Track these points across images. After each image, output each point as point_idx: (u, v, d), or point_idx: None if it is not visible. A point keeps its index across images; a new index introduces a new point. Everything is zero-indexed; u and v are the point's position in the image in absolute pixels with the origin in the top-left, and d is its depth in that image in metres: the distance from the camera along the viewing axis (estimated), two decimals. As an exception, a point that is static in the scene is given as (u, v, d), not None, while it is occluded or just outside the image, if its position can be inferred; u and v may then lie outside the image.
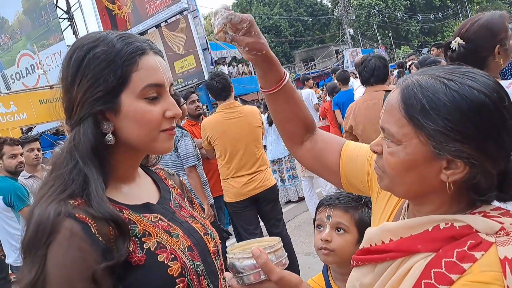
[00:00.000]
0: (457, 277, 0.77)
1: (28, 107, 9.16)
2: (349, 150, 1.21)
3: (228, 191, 3.89)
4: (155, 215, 1.04)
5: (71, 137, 0.97)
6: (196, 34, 17.79)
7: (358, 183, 1.18)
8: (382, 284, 0.89)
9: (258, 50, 1.09)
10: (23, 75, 17.85)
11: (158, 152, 1.05)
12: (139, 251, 0.94)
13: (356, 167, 1.18)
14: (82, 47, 0.97)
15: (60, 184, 0.92)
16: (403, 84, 0.88)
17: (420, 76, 0.86)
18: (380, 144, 0.91)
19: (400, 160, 0.86)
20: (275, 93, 1.18)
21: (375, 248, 0.92)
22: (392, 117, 0.87)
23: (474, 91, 0.80)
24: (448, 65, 0.91)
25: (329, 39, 43.58)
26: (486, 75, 0.84)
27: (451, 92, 0.80)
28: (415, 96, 0.83)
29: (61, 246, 0.85)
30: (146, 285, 0.92)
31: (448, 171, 0.83)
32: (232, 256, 0.92)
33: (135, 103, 0.96)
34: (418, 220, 0.88)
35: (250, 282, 0.90)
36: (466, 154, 0.80)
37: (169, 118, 1.01)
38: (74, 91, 0.96)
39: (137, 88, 0.96)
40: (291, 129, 1.26)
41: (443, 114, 0.80)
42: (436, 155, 0.82)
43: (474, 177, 0.82)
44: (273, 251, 0.93)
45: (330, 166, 1.22)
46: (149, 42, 1.03)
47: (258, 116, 3.99)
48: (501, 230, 0.79)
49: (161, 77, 0.99)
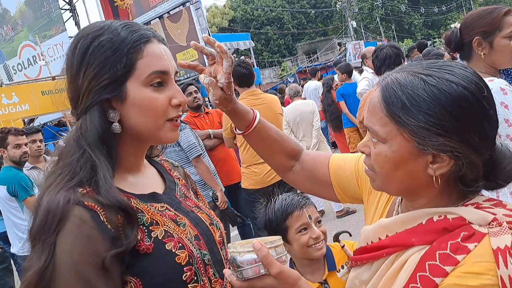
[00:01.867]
0: (451, 268, 0.78)
1: (30, 98, 9.18)
2: (335, 160, 1.25)
3: (250, 178, 3.89)
4: (162, 205, 1.04)
5: (77, 126, 0.97)
6: (198, 25, 17.70)
7: (350, 188, 1.20)
8: (378, 279, 0.90)
9: (224, 106, 1.15)
10: (25, 66, 17.80)
11: (164, 141, 1.05)
12: (147, 239, 0.94)
13: (345, 173, 1.21)
14: (86, 36, 0.97)
15: (68, 173, 0.93)
16: (383, 82, 0.88)
17: (398, 73, 0.87)
18: (367, 145, 0.93)
19: (387, 158, 0.87)
20: (248, 135, 1.23)
21: (372, 246, 0.94)
22: (374, 116, 0.88)
23: (452, 85, 0.81)
24: (425, 60, 0.91)
25: (332, 32, 43.37)
26: (463, 67, 0.85)
27: (430, 88, 0.81)
28: (395, 94, 0.84)
29: (70, 233, 0.85)
30: (154, 273, 0.92)
31: (434, 165, 0.84)
32: (233, 250, 0.93)
33: (141, 91, 0.97)
34: (412, 214, 0.90)
35: (250, 277, 0.91)
36: (450, 148, 0.81)
37: (175, 106, 1.01)
38: (80, 80, 0.96)
39: (143, 76, 0.96)
40: (276, 161, 1.31)
41: (423, 110, 0.81)
42: (421, 150, 0.83)
43: (460, 169, 0.83)
44: (273, 247, 0.94)
45: (322, 180, 1.25)
46: (152, 30, 1.03)
47: (279, 104, 4.04)
48: (494, 221, 0.80)
49: (166, 64, 0.99)
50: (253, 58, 24.19)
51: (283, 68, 35.55)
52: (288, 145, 1.28)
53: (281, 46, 42.69)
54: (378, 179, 0.93)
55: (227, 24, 39.81)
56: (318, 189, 1.30)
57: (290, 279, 0.92)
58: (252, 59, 23.98)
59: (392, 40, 38.49)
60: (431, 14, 43.60)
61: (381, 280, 0.89)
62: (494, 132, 0.85)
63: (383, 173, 0.90)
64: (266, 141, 1.25)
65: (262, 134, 1.23)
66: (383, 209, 1.08)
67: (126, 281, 0.91)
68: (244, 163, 3.92)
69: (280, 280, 0.91)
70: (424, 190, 0.89)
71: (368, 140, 0.93)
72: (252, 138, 1.24)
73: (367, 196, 1.16)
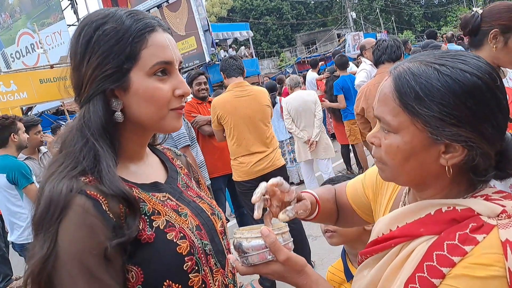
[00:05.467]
0: (459, 259, 0.78)
1: (28, 86, 9.12)
2: (350, 184, 1.27)
3: (238, 170, 3.90)
4: (163, 194, 1.04)
5: (80, 114, 0.96)
6: (197, 15, 17.60)
7: (364, 205, 1.21)
8: (383, 267, 0.90)
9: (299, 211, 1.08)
10: (23, 54, 17.69)
11: (167, 130, 1.05)
12: (148, 229, 0.94)
13: (357, 192, 1.22)
14: (91, 24, 0.96)
15: (71, 161, 0.92)
16: (395, 72, 0.88)
17: (411, 63, 0.87)
18: (377, 136, 0.92)
19: (399, 149, 0.86)
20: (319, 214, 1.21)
21: (382, 238, 0.94)
22: (386, 107, 0.87)
23: (466, 74, 0.80)
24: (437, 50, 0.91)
25: (331, 23, 43.10)
26: (476, 57, 0.84)
27: (443, 77, 0.81)
28: (408, 84, 0.83)
29: (72, 222, 0.85)
30: (155, 263, 0.92)
31: (446, 155, 0.84)
32: (240, 236, 0.92)
33: (144, 81, 0.96)
34: (421, 204, 0.90)
35: (256, 263, 0.91)
36: (463, 137, 0.81)
37: (178, 97, 1.00)
38: (84, 68, 0.95)
39: (147, 66, 0.95)
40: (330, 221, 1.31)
41: (437, 100, 0.80)
42: (433, 140, 0.83)
43: (473, 159, 0.83)
44: (280, 233, 0.93)
45: (347, 209, 1.26)
46: (157, 19, 1.01)
47: (267, 95, 4.01)
48: (503, 213, 0.80)
49: (170, 54, 0.98)
50: (252, 48, 24.07)
51: (282, 59, 35.40)
52: (331, 205, 1.29)
53: (280, 37, 42.48)
54: (387, 170, 0.92)
55: (226, 14, 39.53)
56: (351, 219, 1.29)
57: (297, 265, 0.92)
58: (251, 49, 23.87)
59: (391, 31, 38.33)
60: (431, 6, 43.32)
61: (387, 268, 0.89)
62: (506, 122, 0.85)
63: (394, 164, 0.89)
64: (324, 214, 1.24)
65: (323, 212, 1.22)
66: (388, 201, 1.09)
67: (127, 270, 0.91)
68: (232, 155, 3.94)
69: (287, 267, 0.91)
70: (434, 181, 0.89)
71: (378, 131, 0.92)
72: (321, 213, 1.22)
73: (374, 201, 1.16)
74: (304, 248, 4.02)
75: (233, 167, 3.97)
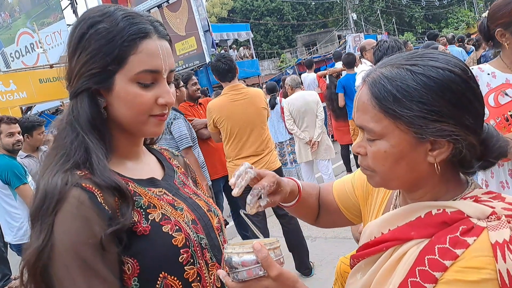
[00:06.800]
0: (450, 263, 0.78)
1: (28, 86, 9.13)
2: (337, 184, 1.28)
3: (233, 172, 3.85)
4: (159, 189, 1.05)
5: (69, 108, 0.99)
6: (197, 15, 17.59)
7: (352, 204, 1.22)
8: (375, 270, 0.91)
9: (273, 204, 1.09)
10: (22, 54, 17.70)
11: (147, 135, 1.07)
12: (144, 221, 0.95)
13: (345, 192, 1.23)
14: (87, 20, 0.97)
15: (62, 155, 0.94)
16: (369, 79, 0.89)
17: (382, 68, 0.88)
18: (362, 146, 0.92)
19: (387, 154, 0.87)
20: (299, 202, 1.21)
21: (374, 241, 0.94)
22: (367, 115, 0.88)
23: (439, 70, 0.83)
24: (403, 52, 0.93)
25: (332, 24, 43.17)
26: (443, 53, 0.87)
27: (417, 76, 0.83)
28: (385, 88, 0.85)
29: (68, 214, 0.86)
30: (151, 255, 0.94)
31: (434, 152, 0.85)
32: (231, 251, 0.90)
33: (127, 86, 0.96)
34: (411, 207, 0.90)
35: (247, 278, 0.88)
36: (447, 132, 0.82)
37: (161, 105, 1.00)
38: (74, 62, 0.97)
39: (133, 71, 0.96)
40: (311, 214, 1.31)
41: (416, 99, 0.82)
42: (419, 140, 0.84)
43: (460, 151, 0.84)
44: (272, 248, 0.92)
45: (332, 208, 1.26)
46: (156, 24, 1.01)
47: (263, 98, 3.99)
48: (492, 214, 0.81)
49: (159, 63, 0.98)
50: (252, 49, 24.07)
51: (282, 60, 35.44)
52: (315, 199, 1.29)
53: (281, 38, 42.50)
54: (377, 177, 0.92)
55: (226, 14, 39.58)
56: (333, 219, 1.30)
57: (289, 281, 0.90)
58: (251, 50, 23.87)
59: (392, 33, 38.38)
60: (432, 7, 43.36)
61: (378, 271, 0.90)
62: (483, 110, 0.87)
63: (384, 170, 0.89)
64: (307, 199, 1.25)
65: (304, 196, 1.23)
66: (380, 205, 1.09)
67: (123, 262, 0.92)
68: (228, 157, 3.94)
69: (279, 282, 0.89)
70: (424, 181, 0.90)
71: (362, 140, 0.93)
72: (301, 203, 1.22)
73: (364, 203, 1.16)
74: (302, 249, 4.02)
75: (228, 169, 3.97)
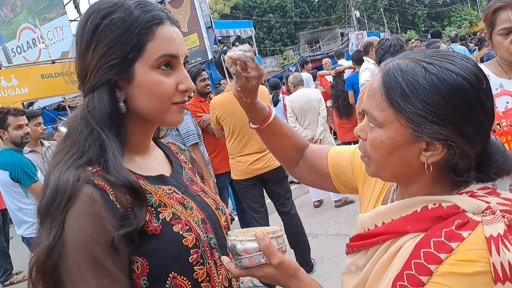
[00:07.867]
0: (445, 256, 0.79)
1: (29, 82, 9.11)
2: (333, 152, 1.28)
3: (235, 168, 3.91)
4: (169, 187, 1.04)
5: (84, 103, 0.95)
6: (200, 12, 17.58)
7: (346, 179, 1.23)
8: (372, 265, 0.92)
9: (245, 96, 1.13)
10: (24, 49, 17.68)
11: (168, 124, 1.04)
12: (155, 221, 0.94)
13: (342, 164, 1.23)
14: (98, 12, 0.95)
15: (76, 151, 0.92)
16: (385, 68, 0.89)
17: (401, 60, 0.88)
18: (364, 130, 0.94)
19: (382, 143, 0.88)
20: (262, 129, 1.25)
21: (368, 233, 0.95)
22: (374, 101, 0.89)
23: (452, 74, 0.81)
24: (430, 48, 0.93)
25: (335, 21, 43.12)
26: (465, 58, 0.86)
27: (430, 76, 0.82)
28: (395, 80, 0.85)
29: (80, 212, 0.84)
30: (161, 255, 0.92)
31: (427, 152, 0.85)
32: (234, 238, 0.92)
33: (148, 73, 0.95)
34: (407, 202, 0.91)
35: (249, 265, 0.91)
36: (444, 136, 0.82)
37: (182, 92, 0.99)
38: (89, 56, 0.94)
39: (152, 58, 0.94)
40: (285, 155, 1.34)
41: (422, 97, 0.82)
42: (415, 137, 0.84)
43: (452, 158, 0.84)
44: (275, 237, 0.94)
45: (322, 172, 1.28)
46: (166, 11, 1.00)
47: (267, 95, 3.98)
48: (488, 209, 0.81)
49: (176, 48, 0.97)
50: (254, 46, 24.07)
51: (285, 57, 35.44)
52: (298, 140, 1.32)
53: (283, 35, 42.46)
54: (372, 165, 0.94)
55: (229, 11, 39.54)
56: (319, 181, 1.32)
57: (290, 269, 0.93)
58: (254, 47, 23.87)
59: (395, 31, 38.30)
60: (435, 6, 43.30)
61: (375, 266, 0.91)
62: (490, 125, 0.87)
63: (377, 158, 0.91)
64: (278, 136, 1.28)
65: (275, 129, 1.26)
66: (378, 197, 1.10)
67: (133, 261, 0.90)
68: (230, 154, 3.95)
69: (280, 270, 0.92)
70: (416, 177, 0.90)
71: (365, 125, 0.94)
72: (266, 132, 1.26)
73: (361, 185, 1.18)
74: (304, 246, 4.03)
75: (231, 165, 4.00)
